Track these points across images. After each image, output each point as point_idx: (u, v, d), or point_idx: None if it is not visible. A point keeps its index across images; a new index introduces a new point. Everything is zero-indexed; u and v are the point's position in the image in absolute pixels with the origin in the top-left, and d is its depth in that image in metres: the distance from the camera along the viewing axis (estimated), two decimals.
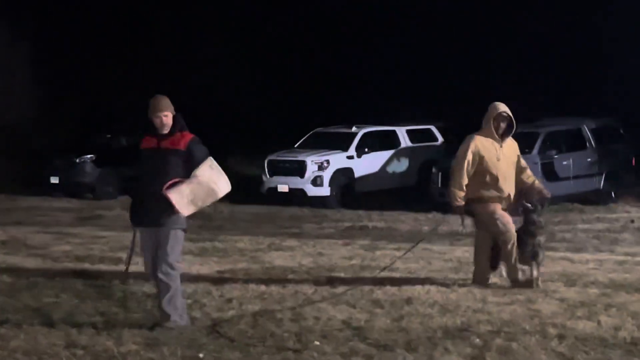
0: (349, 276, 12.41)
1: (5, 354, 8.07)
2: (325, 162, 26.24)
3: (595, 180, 25.54)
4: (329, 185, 26.10)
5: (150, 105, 9.26)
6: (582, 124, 25.76)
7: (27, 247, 15.89)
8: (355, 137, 27.30)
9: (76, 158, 29.34)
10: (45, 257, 14.41)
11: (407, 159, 28.10)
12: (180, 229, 9.22)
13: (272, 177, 26.44)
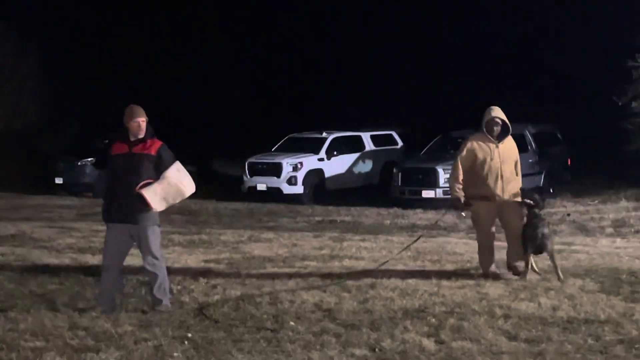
0: (320, 264, 12.42)
1: (15, 335, 8.03)
2: (299, 163, 26.26)
3: (535, 178, 25.62)
4: (302, 184, 26.13)
5: (128, 113, 9.30)
6: (524, 130, 25.84)
7: (34, 240, 15.81)
8: (326, 141, 27.33)
9: (78, 161, 29.24)
10: (50, 249, 14.35)
11: (371, 161, 28.16)
12: (156, 225, 9.32)
13: (252, 177, 26.43)
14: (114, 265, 9.40)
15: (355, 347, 7.53)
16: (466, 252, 13.72)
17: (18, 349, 7.49)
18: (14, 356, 7.22)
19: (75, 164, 29.26)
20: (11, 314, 8.96)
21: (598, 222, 19.11)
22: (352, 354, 7.29)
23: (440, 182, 23.44)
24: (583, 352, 7.47)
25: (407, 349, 7.50)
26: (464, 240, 15.98)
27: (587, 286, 10.53)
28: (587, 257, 13.24)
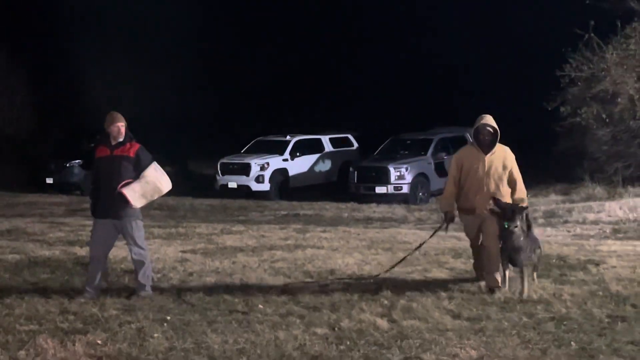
0: (285, 253, 12.42)
1: (11, 319, 7.97)
2: (266, 163, 26.24)
3: None
4: (269, 182, 26.10)
5: (108, 118, 9.33)
6: (465, 132, 25.97)
7: (27, 234, 15.67)
8: (289, 143, 27.32)
9: (66, 162, 29.04)
10: (42, 242, 14.23)
11: (330, 161, 28.19)
12: (138, 219, 9.34)
13: (224, 176, 26.37)
14: (100, 256, 9.38)
15: (317, 327, 7.55)
16: (415, 241, 13.74)
17: (14, 332, 7.43)
18: (10, 338, 7.16)
19: (64, 165, 29.07)
20: (7, 300, 8.89)
21: (531, 214, 19.20)
22: (314, 332, 7.30)
23: (392, 179, 23.55)
24: (518, 328, 7.53)
25: (363, 327, 7.52)
26: (412, 231, 16.07)
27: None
28: None
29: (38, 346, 6.76)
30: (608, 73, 23.70)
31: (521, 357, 6.50)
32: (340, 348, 6.74)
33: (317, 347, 6.73)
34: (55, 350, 6.63)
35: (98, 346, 6.80)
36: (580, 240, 14.26)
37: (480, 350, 6.70)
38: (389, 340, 6.99)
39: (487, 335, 7.24)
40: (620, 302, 8.63)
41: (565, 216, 18.45)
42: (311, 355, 6.49)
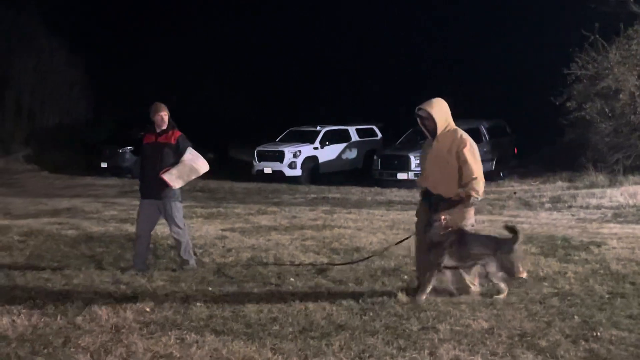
0: (314, 232, 12.44)
1: (70, 288, 8.05)
2: (298, 151, 26.27)
3: (488, 164, 25.68)
4: (300, 168, 26.14)
5: (153, 108, 9.48)
6: (479, 124, 25.92)
7: (84, 212, 15.81)
8: (319, 133, 27.34)
9: (119, 149, 29.25)
10: (98, 219, 14.35)
11: (356, 149, 28.17)
12: (177, 201, 9.43)
13: (260, 162, 26.42)
14: (145, 232, 9.43)
15: (343, 299, 7.55)
16: None
17: (72, 300, 7.49)
18: (69, 305, 7.23)
19: (117, 151, 29.28)
20: (66, 271, 8.99)
21: (538, 199, 19.15)
22: (340, 304, 7.31)
23: (412, 166, 23.51)
24: (526, 302, 7.50)
25: (384, 300, 7.52)
26: None
27: (530, 250, 10.55)
28: (530, 227, 13.28)
29: (93, 312, 6.82)
30: (611, 71, 23.60)
31: (528, 328, 6.47)
32: (363, 318, 6.75)
33: (343, 317, 6.74)
34: (108, 316, 6.69)
35: (146, 313, 6.85)
36: (583, 224, 14.16)
37: (491, 321, 6.68)
38: (407, 312, 6.98)
39: (497, 308, 7.22)
40: (620, 280, 8.56)
41: (570, 201, 18.32)
42: (337, 324, 6.50)
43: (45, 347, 5.70)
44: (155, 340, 5.91)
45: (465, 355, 5.69)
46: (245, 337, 6.04)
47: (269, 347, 5.80)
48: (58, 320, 6.48)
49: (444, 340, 6.06)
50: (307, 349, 5.75)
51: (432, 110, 8.13)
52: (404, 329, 6.38)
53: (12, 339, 5.91)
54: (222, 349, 5.70)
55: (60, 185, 26.08)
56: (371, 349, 5.79)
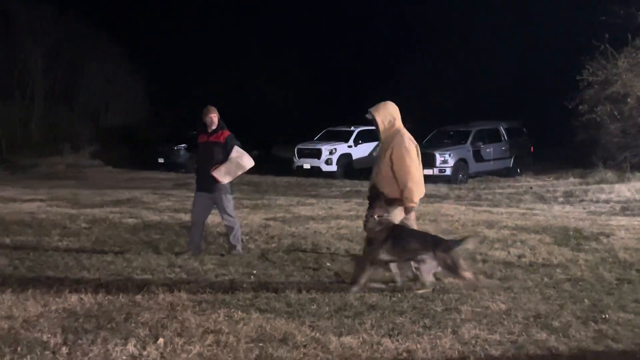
0: (349, 222, 12.43)
1: (130, 270, 8.12)
2: (334, 149, 26.31)
3: (507, 161, 25.52)
4: (336, 164, 26.18)
5: (204, 111, 9.53)
6: (499, 125, 25.75)
7: (142, 202, 15.94)
8: (353, 133, 27.34)
9: (174, 146, 29.50)
10: (154, 209, 14.46)
11: None
12: (228, 193, 9.48)
13: (300, 159, 26.50)
14: (199, 221, 9.50)
15: (374, 282, 7.53)
16: (455, 214, 13.66)
17: (132, 280, 7.57)
18: (129, 285, 7.30)
19: (173, 148, 29.53)
20: (127, 255, 9.07)
21: (552, 193, 18.97)
22: (372, 287, 7.29)
23: (437, 163, 23.40)
24: (540, 287, 7.43)
25: (411, 283, 7.48)
26: (453, 206, 15.93)
27: (545, 239, 10.46)
28: (544, 219, 13.15)
29: (151, 292, 6.88)
30: (620, 78, 23.46)
31: (542, 310, 6.41)
32: (392, 299, 6.72)
33: (374, 298, 6.73)
34: (165, 295, 6.73)
35: (199, 293, 6.89)
36: (593, 216, 14.00)
37: (508, 304, 6.62)
38: (432, 294, 6.95)
39: (514, 292, 7.16)
40: (627, 267, 8.47)
41: (582, 196, 18.13)
42: (369, 304, 6.48)
43: (109, 322, 5.77)
44: (206, 317, 5.95)
45: (484, 334, 5.65)
46: (286, 315, 6.06)
47: (307, 324, 5.81)
48: (120, 298, 6.54)
49: (466, 320, 6.02)
50: (342, 327, 5.75)
51: (375, 113, 7.72)
52: (429, 310, 6.35)
53: (80, 315, 5.99)
54: (266, 325, 5.72)
55: (122, 178, 26.35)
56: (399, 327, 5.77)
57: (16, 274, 7.83)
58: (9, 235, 10.60)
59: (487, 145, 24.78)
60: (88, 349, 5.14)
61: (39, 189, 19.53)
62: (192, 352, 5.13)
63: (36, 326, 5.63)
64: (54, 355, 5.02)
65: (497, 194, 19.53)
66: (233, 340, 5.36)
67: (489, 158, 24.86)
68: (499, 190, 20.50)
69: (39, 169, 30.16)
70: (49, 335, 5.40)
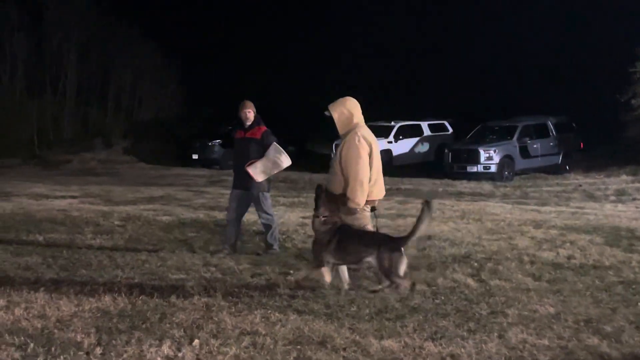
0: (389, 220, 12.40)
1: (164, 269, 8.16)
2: None
3: (555, 158, 25.25)
4: None
5: (240, 105, 9.57)
6: (546, 120, 25.49)
7: (176, 200, 16.08)
8: (393, 128, 27.28)
9: (209, 142, 29.69)
10: (188, 207, 14.58)
11: (428, 143, 27.98)
12: (265, 191, 9.51)
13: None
14: (235, 219, 9.55)
15: (417, 283, 7.51)
16: (501, 213, 13.56)
17: (166, 280, 7.63)
18: (163, 284, 7.36)
19: (207, 144, 29.71)
20: (161, 253, 9.14)
21: (603, 192, 18.74)
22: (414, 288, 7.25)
23: (481, 159, 23.29)
24: (591, 290, 7.33)
25: (455, 285, 7.45)
26: (499, 204, 15.80)
27: (595, 240, 10.33)
28: (595, 218, 12.99)
29: (186, 291, 6.93)
30: None
31: (593, 314, 6.32)
32: (435, 302, 6.69)
33: (416, 300, 6.69)
34: (200, 295, 6.78)
35: (234, 293, 6.92)
36: None
37: (558, 307, 6.54)
38: (477, 297, 6.90)
39: (564, 295, 7.07)
40: None
41: (634, 194, 17.89)
42: (411, 307, 6.45)
43: (143, 322, 5.82)
44: (243, 318, 5.97)
45: (532, 338, 5.58)
46: (325, 317, 6.05)
47: (347, 326, 5.80)
48: (155, 298, 6.59)
49: (513, 324, 5.96)
50: (382, 329, 5.73)
51: (332, 109, 7.57)
52: (474, 313, 6.30)
53: (114, 314, 6.05)
54: (304, 327, 5.72)
55: (155, 175, 26.61)
56: (443, 331, 5.73)
57: (49, 272, 7.94)
58: (41, 233, 10.75)
59: (534, 141, 24.57)
60: (122, 349, 5.19)
61: (71, 185, 19.81)
62: (228, 354, 5.15)
63: (70, 326, 5.71)
64: (88, 355, 5.08)
65: (545, 192, 19.33)
66: (270, 342, 5.37)
67: (536, 154, 24.62)
68: (547, 188, 20.29)
69: (71, 165, 30.62)
70: (82, 335, 5.46)
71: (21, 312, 6.07)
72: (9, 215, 12.66)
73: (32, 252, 9.09)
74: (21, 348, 5.18)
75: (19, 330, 5.57)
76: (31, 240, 10.16)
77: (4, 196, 16.25)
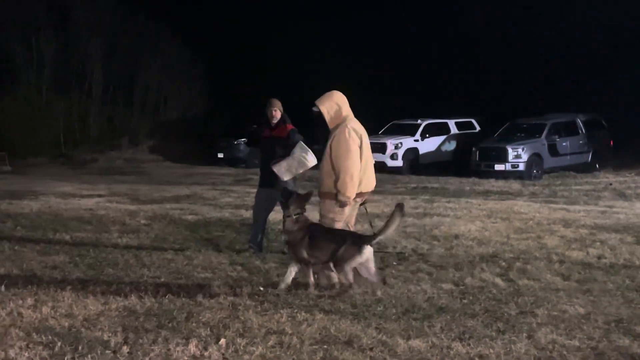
0: (416, 219, 12.37)
1: (190, 268, 8.22)
2: (400, 143, 26.22)
3: (585, 156, 25.05)
4: (401, 159, 26.08)
5: (267, 104, 9.57)
6: (576, 117, 25.29)
7: (202, 199, 16.16)
8: (420, 126, 27.19)
9: (234, 140, 29.80)
10: (214, 205, 14.65)
11: (455, 141, 27.84)
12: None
13: None
14: (261, 218, 9.57)
15: (443, 283, 7.49)
16: (529, 212, 13.47)
17: (192, 279, 7.67)
18: (190, 283, 7.40)
19: (233, 143, 29.83)
20: (187, 252, 9.18)
21: (634, 190, 18.55)
22: (440, 287, 7.24)
23: (509, 158, 23.16)
24: (622, 290, 7.26)
25: (483, 285, 7.42)
26: (527, 203, 15.68)
27: (626, 239, 10.24)
28: (625, 217, 12.87)
29: (212, 290, 6.96)
30: None
31: (624, 315, 6.27)
32: (463, 301, 6.66)
33: (444, 300, 6.68)
34: (226, 294, 6.80)
35: (260, 292, 6.95)
36: None
37: (588, 307, 6.49)
38: (506, 297, 6.87)
39: (594, 295, 7.02)
40: None
41: None
42: (438, 306, 6.44)
43: (170, 321, 5.85)
44: (269, 317, 6.00)
45: (562, 339, 5.55)
46: (352, 317, 6.06)
47: (373, 326, 5.80)
48: (181, 297, 6.63)
49: (542, 324, 5.93)
50: (409, 329, 5.72)
51: (320, 104, 7.52)
52: (503, 313, 6.27)
53: (140, 313, 6.09)
54: (330, 327, 5.73)
55: (181, 173, 26.76)
56: (471, 331, 5.71)
57: (76, 271, 8.01)
58: (68, 232, 10.86)
59: (563, 138, 24.38)
60: (149, 348, 5.23)
61: (97, 184, 20.00)
62: (255, 353, 5.17)
63: (96, 325, 5.76)
64: (115, 354, 5.12)
65: (574, 190, 19.17)
66: (296, 341, 5.38)
67: (565, 152, 24.43)
68: (576, 187, 20.13)
69: (97, 163, 30.91)
70: (109, 334, 5.51)
71: (48, 310, 6.14)
72: (37, 214, 12.81)
73: (59, 251, 9.19)
74: (49, 347, 5.24)
75: (46, 328, 5.63)
76: (58, 239, 10.26)
77: (31, 195, 16.43)
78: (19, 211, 13.24)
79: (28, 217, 12.40)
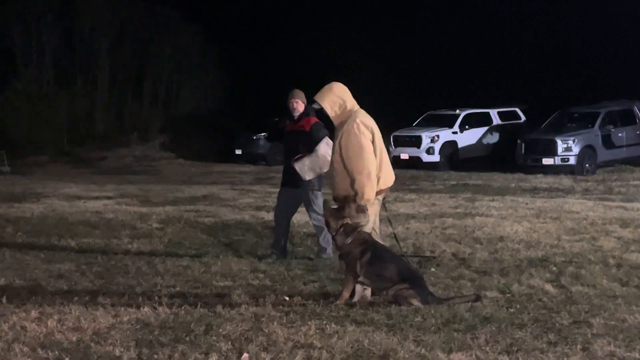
0: (456, 220, 12.33)
1: (208, 276, 8.23)
2: (436, 136, 26.18)
3: None
4: (438, 154, 26.05)
5: (290, 94, 9.49)
6: (632, 105, 25.07)
7: (220, 199, 16.22)
8: (459, 117, 27.13)
9: (254, 135, 29.88)
10: (233, 207, 14.69)
11: (497, 133, 27.74)
12: (317, 190, 9.41)
13: (396, 148, 26.47)
14: (283, 220, 9.57)
15: (488, 290, 7.46)
16: (582, 210, 13.37)
17: (211, 287, 7.70)
18: (208, 292, 7.43)
19: (252, 138, 29.91)
20: (204, 259, 9.21)
21: None
22: (485, 296, 7.21)
23: (559, 151, 23.01)
24: None
25: (532, 292, 7.38)
26: (579, 201, 15.57)
27: None
28: None
29: (233, 300, 6.98)
30: None
31: None
32: (510, 311, 6.63)
33: (488, 309, 6.64)
34: (248, 304, 6.82)
35: (285, 302, 6.96)
36: None
37: None
38: (557, 305, 6.82)
39: None
40: None
41: None
42: (482, 316, 6.41)
43: (187, 334, 5.88)
44: (296, 330, 6.00)
45: (621, 351, 5.50)
46: (387, 329, 6.04)
47: (411, 339, 5.78)
48: (199, 308, 6.65)
49: (598, 335, 5.88)
50: (451, 342, 5.70)
51: (321, 100, 7.31)
52: (554, 323, 6.23)
53: (155, 326, 6.12)
54: (363, 339, 5.72)
55: (196, 172, 26.91)
56: (519, 343, 5.68)
57: (83, 280, 8.08)
58: (74, 238, 10.94)
59: (618, 129, 24.17)
60: None
61: (105, 185, 20.13)
62: None
63: (107, 339, 5.80)
64: None
65: (632, 186, 19.02)
66: (326, 356, 5.39)
67: (621, 144, 24.22)
68: (634, 182, 19.97)
69: (105, 162, 31.15)
70: (121, 349, 5.54)
71: (55, 324, 6.18)
72: (39, 219, 12.92)
73: (64, 259, 9.27)
74: None
75: (52, 343, 5.68)
76: (63, 246, 10.35)
77: (33, 197, 16.58)
78: (20, 215, 13.37)
79: (30, 222, 12.52)
